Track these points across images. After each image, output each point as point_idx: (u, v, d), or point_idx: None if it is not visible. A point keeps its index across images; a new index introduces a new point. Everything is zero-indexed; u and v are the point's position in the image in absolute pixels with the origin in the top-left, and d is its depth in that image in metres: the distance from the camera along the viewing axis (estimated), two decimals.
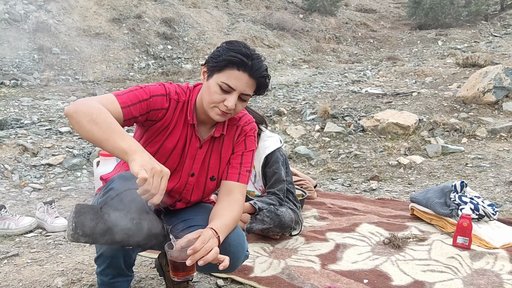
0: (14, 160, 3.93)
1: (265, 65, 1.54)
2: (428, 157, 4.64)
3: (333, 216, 3.08)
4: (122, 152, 1.27)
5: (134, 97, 1.49)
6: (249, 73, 1.48)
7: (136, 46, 9.79)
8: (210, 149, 1.67)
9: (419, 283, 2.07)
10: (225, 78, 1.48)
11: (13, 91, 7.12)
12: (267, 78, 1.54)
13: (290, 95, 7.32)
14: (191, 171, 1.65)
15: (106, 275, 1.59)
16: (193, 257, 1.34)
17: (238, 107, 1.54)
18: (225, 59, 1.47)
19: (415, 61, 10.34)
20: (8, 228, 2.61)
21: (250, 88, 1.52)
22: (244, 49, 1.48)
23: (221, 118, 1.55)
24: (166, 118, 1.57)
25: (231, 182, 1.66)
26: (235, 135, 1.71)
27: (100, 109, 1.35)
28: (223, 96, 1.49)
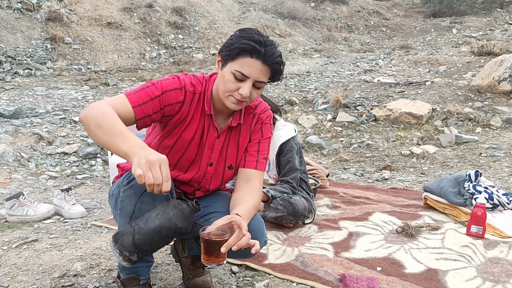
0: (30, 149, 4.00)
1: (279, 51, 1.51)
2: (441, 147, 4.61)
3: (346, 205, 3.09)
4: (124, 154, 1.27)
5: (145, 95, 1.49)
6: (263, 60, 1.46)
7: (148, 36, 9.81)
8: (228, 138, 1.68)
9: (433, 271, 2.08)
10: (238, 66, 1.47)
11: (27, 80, 7.20)
12: (281, 64, 1.52)
13: (302, 85, 7.30)
14: (210, 160, 1.66)
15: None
16: (227, 243, 1.36)
17: (253, 95, 1.52)
18: (237, 47, 1.46)
19: (428, 49, 10.21)
20: (26, 215, 2.67)
21: (264, 75, 1.50)
22: (257, 36, 1.47)
23: (237, 106, 1.54)
24: (183, 111, 1.58)
25: (249, 170, 1.68)
26: (252, 123, 1.71)
27: (105, 112, 1.35)
28: (237, 85, 1.48)
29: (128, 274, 1.65)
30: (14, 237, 2.37)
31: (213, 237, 1.37)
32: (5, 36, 7.87)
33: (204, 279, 1.88)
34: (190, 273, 1.90)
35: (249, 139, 1.71)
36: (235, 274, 2.04)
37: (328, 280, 1.97)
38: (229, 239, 1.36)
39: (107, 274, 1.98)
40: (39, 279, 1.91)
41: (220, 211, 1.65)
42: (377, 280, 1.94)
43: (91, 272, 1.99)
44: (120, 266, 1.66)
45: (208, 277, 1.90)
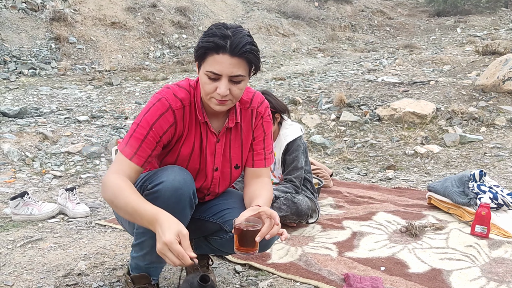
0: (34, 148, 4.02)
1: (248, 39, 1.43)
2: (445, 147, 4.59)
3: (350, 204, 3.08)
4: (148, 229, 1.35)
5: (135, 141, 1.48)
6: (230, 53, 1.40)
7: (151, 35, 9.83)
8: (229, 139, 1.66)
9: (437, 270, 2.07)
10: (208, 66, 1.43)
11: (32, 80, 7.24)
12: (252, 52, 1.43)
13: (305, 84, 7.29)
14: (215, 166, 1.65)
15: (144, 260, 1.62)
16: (261, 232, 1.38)
17: (234, 91, 1.46)
18: (201, 47, 1.43)
19: (433, 49, 10.18)
20: (31, 214, 2.68)
21: (238, 68, 1.42)
22: (219, 30, 1.41)
23: (222, 107, 1.49)
24: (177, 130, 1.55)
25: (258, 168, 1.70)
26: (252, 119, 1.67)
27: (114, 192, 1.40)
28: (214, 85, 1.44)
29: (139, 272, 1.66)
30: (18, 236, 2.38)
31: (249, 227, 1.40)
32: (9, 36, 7.90)
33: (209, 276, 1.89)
34: (194, 271, 1.90)
35: (252, 136, 1.69)
36: (239, 274, 2.04)
37: (332, 280, 1.97)
38: (263, 228, 1.39)
39: (111, 273, 1.99)
40: (43, 278, 1.92)
41: (233, 207, 1.66)
42: (381, 280, 1.94)
43: (95, 271, 2.00)
44: (133, 265, 1.66)
45: (212, 277, 1.90)
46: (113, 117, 5.39)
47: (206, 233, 1.77)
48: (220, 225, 1.69)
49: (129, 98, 6.58)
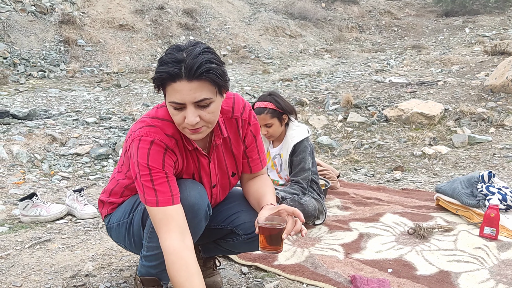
0: (43, 150, 4.05)
1: (204, 57, 1.28)
2: (454, 147, 4.56)
3: (357, 206, 3.07)
4: None
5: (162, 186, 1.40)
6: (187, 78, 1.28)
7: (159, 37, 9.87)
8: (221, 152, 1.61)
9: (445, 273, 2.06)
10: (169, 97, 1.32)
11: (41, 82, 7.30)
12: (210, 71, 1.29)
13: (312, 85, 7.28)
14: (212, 184, 1.63)
15: (155, 268, 1.61)
16: (287, 230, 1.39)
17: (205, 116, 1.35)
18: (155, 78, 1.33)
19: (441, 49, 10.11)
20: (39, 215, 2.70)
21: (201, 92, 1.30)
22: (170, 56, 1.30)
23: (198, 135, 1.41)
24: (178, 164, 1.51)
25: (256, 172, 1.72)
26: (238, 128, 1.60)
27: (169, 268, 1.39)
28: (181, 115, 1.34)
29: (151, 276, 1.66)
30: (27, 237, 2.40)
31: (275, 226, 1.42)
32: (19, 38, 7.99)
33: (215, 280, 1.89)
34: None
35: (244, 144, 1.65)
36: (245, 275, 2.04)
37: (339, 282, 1.96)
38: (287, 226, 1.41)
39: (118, 274, 2.00)
40: (51, 279, 1.93)
41: (241, 210, 1.67)
42: (388, 282, 1.93)
43: (103, 272, 2.01)
44: (143, 272, 1.65)
45: (218, 278, 1.90)
46: (121, 118, 5.42)
47: (216, 238, 1.78)
48: (231, 229, 1.70)
49: (136, 100, 6.62)
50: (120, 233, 1.65)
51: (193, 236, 1.51)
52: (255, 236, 1.55)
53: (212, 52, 1.34)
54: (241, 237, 1.68)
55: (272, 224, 1.42)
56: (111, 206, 1.70)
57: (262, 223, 1.43)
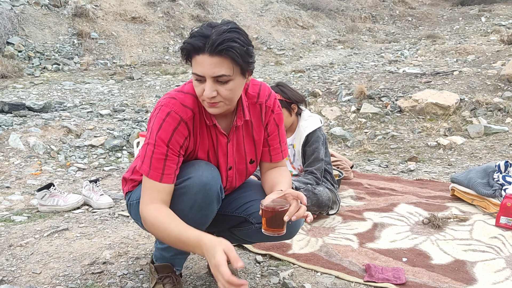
0: (59, 141, 4.11)
1: (229, 35, 1.33)
2: (469, 138, 4.50)
3: (370, 196, 3.06)
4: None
5: (158, 162, 1.45)
6: (209, 53, 1.33)
7: (171, 30, 9.89)
8: (241, 136, 1.63)
9: (460, 262, 2.05)
10: (193, 68, 1.39)
11: (55, 75, 7.38)
12: (231, 49, 1.33)
13: (325, 76, 7.24)
14: (228, 165, 1.64)
15: (169, 251, 1.65)
16: (289, 212, 1.39)
17: (222, 92, 1.39)
18: (182, 49, 1.40)
19: (456, 38, 9.95)
20: (57, 205, 2.75)
21: (220, 67, 1.35)
22: (200, 31, 1.37)
23: (214, 110, 1.44)
24: (191, 140, 1.53)
25: (276, 162, 1.72)
26: (261, 114, 1.64)
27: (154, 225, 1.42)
28: (201, 87, 1.39)
29: (164, 262, 1.69)
30: (45, 226, 2.45)
31: (277, 208, 1.41)
32: (33, 32, 8.07)
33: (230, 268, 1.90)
34: None
35: (266, 131, 1.67)
36: (260, 264, 2.06)
37: (353, 270, 1.97)
38: (290, 208, 1.40)
39: (134, 262, 2.03)
40: (70, 266, 1.97)
41: (255, 198, 1.66)
42: (402, 271, 1.93)
43: (119, 260, 2.04)
44: (158, 255, 1.69)
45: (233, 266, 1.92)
46: (134, 110, 5.46)
47: (229, 226, 1.79)
48: (245, 217, 1.70)
49: (149, 92, 6.66)
50: (137, 210, 1.68)
51: (204, 218, 1.54)
52: None
53: (239, 33, 1.37)
54: (254, 226, 1.68)
55: (274, 205, 1.42)
56: (132, 183, 1.72)
57: (264, 204, 1.42)
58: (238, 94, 1.47)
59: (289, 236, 1.64)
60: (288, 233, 1.53)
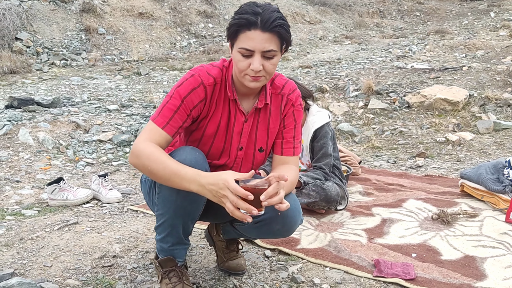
0: (68, 136, 4.13)
1: (278, 15, 1.45)
2: (478, 134, 4.47)
3: (379, 192, 3.05)
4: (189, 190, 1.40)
5: (167, 110, 1.52)
6: (261, 29, 1.42)
7: (178, 25, 9.89)
8: (257, 120, 1.67)
9: (470, 258, 2.04)
10: (241, 43, 1.46)
11: (64, 71, 7.42)
12: (282, 26, 1.45)
13: (332, 72, 7.20)
14: (239, 145, 1.67)
15: (166, 242, 1.66)
16: (266, 192, 1.36)
17: (267, 67, 1.48)
18: (233, 24, 1.47)
19: (465, 34, 9.86)
20: (67, 199, 2.77)
21: (270, 43, 1.45)
22: (249, 8, 1.45)
23: (256, 83, 1.52)
24: (206, 106, 1.59)
25: (286, 157, 1.70)
26: (281, 105, 1.68)
27: (149, 157, 1.44)
28: (247, 61, 1.47)
29: (165, 255, 1.70)
30: (55, 220, 2.47)
31: (255, 186, 1.37)
32: (41, 27, 8.11)
33: (238, 262, 1.91)
34: (224, 256, 1.93)
35: (283, 123, 1.70)
36: (268, 258, 2.06)
37: (362, 266, 1.96)
38: (269, 188, 1.36)
39: (144, 256, 2.04)
40: (80, 260, 1.99)
41: None
42: (412, 266, 1.92)
43: (129, 254, 2.06)
44: (158, 248, 1.70)
45: (242, 260, 1.92)
46: (141, 106, 5.48)
47: (230, 218, 1.79)
48: None
49: (157, 88, 6.67)
50: (145, 189, 1.70)
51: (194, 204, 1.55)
52: (262, 220, 1.57)
53: (281, 13, 1.49)
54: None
55: (251, 185, 1.37)
56: None
57: (242, 183, 1.37)
58: (275, 69, 1.56)
59: (286, 233, 1.63)
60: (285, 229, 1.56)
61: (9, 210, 2.68)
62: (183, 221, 1.60)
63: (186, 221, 1.60)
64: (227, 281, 1.85)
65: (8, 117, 4.25)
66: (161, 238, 1.66)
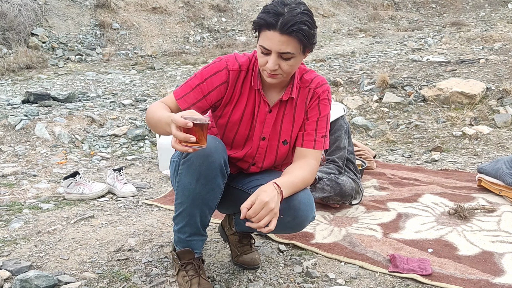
0: (83, 131, 4.17)
1: (301, 18, 1.43)
2: (496, 127, 4.39)
3: (394, 186, 3.02)
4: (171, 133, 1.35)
5: (187, 87, 1.61)
6: (280, 31, 1.43)
7: (191, 20, 9.89)
8: (282, 112, 1.68)
9: (488, 253, 2.01)
10: (261, 41, 1.49)
11: (79, 66, 7.49)
12: (300, 31, 1.43)
13: (346, 65, 7.14)
14: (262, 135, 1.68)
15: (184, 233, 1.67)
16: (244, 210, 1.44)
17: (283, 67, 1.50)
18: (255, 22, 1.49)
19: (482, 26, 9.67)
20: (82, 193, 2.80)
21: (287, 46, 1.45)
22: (273, 8, 1.45)
23: (272, 80, 1.55)
24: (228, 91, 1.62)
25: (306, 149, 1.68)
26: (307, 98, 1.69)
27: (150, 111, 1.55)
28: (265, 59, 1.50)
29: (183, 247, 1.71)
30: (72, 214, 2.50)
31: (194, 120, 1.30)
32: (57, 23, 8.19)
33: (252, 257, 1.91)
34: (238, 250, 1.93)
35: (306, 115, 1.69)
36: (283, 253, 2.06)
37: (377, 261, 1.95)
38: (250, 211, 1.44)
39: (159, 249, 2.06)
40: (96, 253, 2.01)
41: None
42: (428, 262, 1.90)
43: (144, 248, 2.07)
44: (176, 239, 1.71)
45: (256, 255, 1.92)
46: (155, 100, 5.50)
47: None
48: None
49: (170, 82, 6.69)
50: (172, 169, 1.71)
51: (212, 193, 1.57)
52: None
53: (309, 15, 1.47)
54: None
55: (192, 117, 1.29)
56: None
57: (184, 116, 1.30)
58: (296, 69, 1.58)
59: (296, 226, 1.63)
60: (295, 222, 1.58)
61: (26, 203, 2.73)
62: (200, 211, 1.61)
63: (204, 210, 1.62)
64: (242, 275, 1.85)
65: (25, 112, 4.31)
66: (178, 229, 1.67)
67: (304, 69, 1.71)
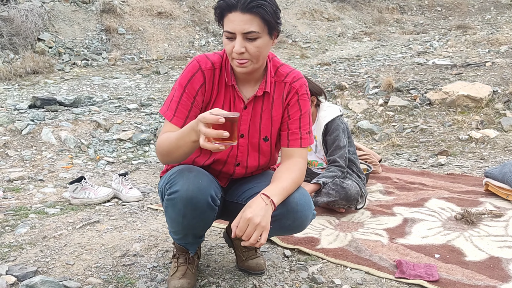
0: (89, 136, 4.19)
1: None
2: (503, 131, 4.36)
3: (400, 191, 3.00)
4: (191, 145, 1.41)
5: (173, 103, 1.58)
6: (241, 10, 1.42)
7: (196, 24, 9.92)
8: (260, 109, 1.65)
9: (495, 259, 1.98)
10: (225, 27, 1.48)
11: (85, 70, 7.53)
12: (261, 6, 1.42)
13: (351, 69, 7.13)
14: (240, 132, 1.65)
15: (178, 239, 1.73)
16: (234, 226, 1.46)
17: (250, 49, 1.47)
18: (216, 8, 1.48)
19: (488, 29, 9.63)
20: (88, 198, 2.81)
21: (250, 24, 1.43)
22: None
23: (242, 69, 1.52)
24: (207, 91, 1.61)
25: (292, 148, 1.67)
26: (284, 92, 1.67)
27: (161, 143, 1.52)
28: (231, 44, 1.48)
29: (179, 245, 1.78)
30: (77, 218, 2.51)
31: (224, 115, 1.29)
32: (63, 28, 8.25)
33: (258, 262, 1.90)
34: (243, 255, 1.92)
35: (287, 113, 1.67)
36: (288, 258, 2.05)
37: (383, 266, 1.93)
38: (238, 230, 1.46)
39: (164, 255, 2.05)
40: (101, 258, 2.01)
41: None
42: (435, 268, 1.88)
43: (149, 253, 2.07)
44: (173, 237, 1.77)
45: (261, 260, 1.92)
46: (161, 105, 5.52)
47: None
48: None
49: None
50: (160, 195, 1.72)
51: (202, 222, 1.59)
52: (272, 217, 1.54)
53: None
54: None
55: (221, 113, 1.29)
56: (164, 169, 1.80)
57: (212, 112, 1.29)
58: (265, 55, 1.54)
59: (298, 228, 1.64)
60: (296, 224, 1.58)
61: (32, 208, 2.74)
62: (193, 234, 1.67)
63: (196, 233, 1.67)
64: (247, 281, 1.84)
65: (32, 117, 4.34)
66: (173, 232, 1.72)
67: (278, 62, 1.69)
